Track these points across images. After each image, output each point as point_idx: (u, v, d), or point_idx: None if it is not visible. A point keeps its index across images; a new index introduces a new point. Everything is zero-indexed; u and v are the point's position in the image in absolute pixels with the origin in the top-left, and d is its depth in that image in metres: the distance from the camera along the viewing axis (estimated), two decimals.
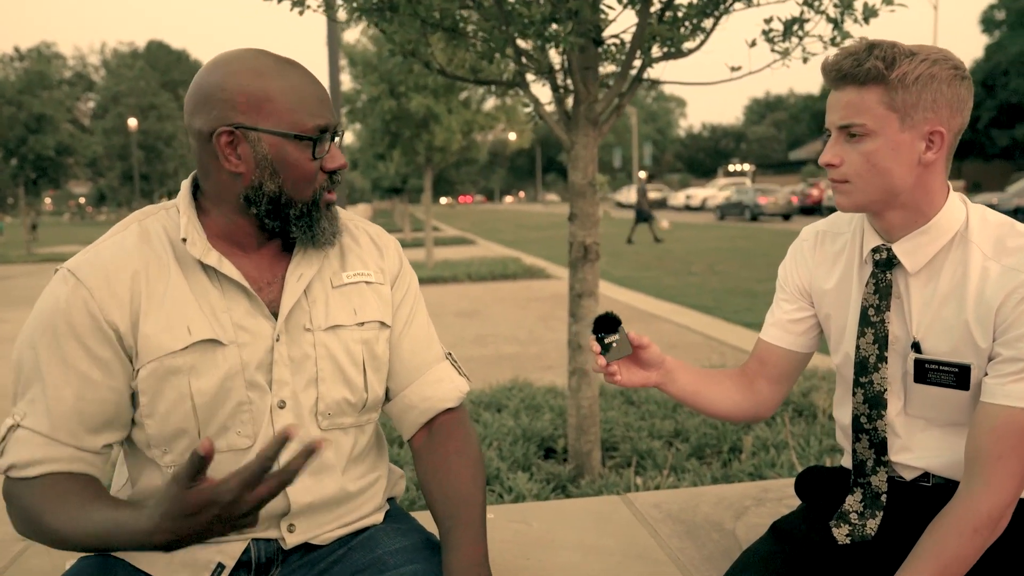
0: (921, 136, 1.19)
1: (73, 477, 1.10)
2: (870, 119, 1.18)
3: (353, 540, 1.26)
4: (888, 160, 1.19)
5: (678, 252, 15.41)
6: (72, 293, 1.11)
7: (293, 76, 1.15)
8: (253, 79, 1.12)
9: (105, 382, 1.12)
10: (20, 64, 25.77)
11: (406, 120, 11.94)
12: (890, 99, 1.17)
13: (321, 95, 1.17)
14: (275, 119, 1.13)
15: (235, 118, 1.12)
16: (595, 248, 3.06)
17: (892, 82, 1.16)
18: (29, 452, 1.09)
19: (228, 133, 1.12)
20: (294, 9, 2.86)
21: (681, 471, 3.03)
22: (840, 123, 1.21)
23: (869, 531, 1.30)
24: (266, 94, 1.12)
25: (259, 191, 1.15)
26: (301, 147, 1.14)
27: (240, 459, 1.17)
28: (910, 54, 1.17)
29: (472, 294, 10.01)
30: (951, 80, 1.18)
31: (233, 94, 1.12)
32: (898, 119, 1.18)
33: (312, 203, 1.18)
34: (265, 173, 1.14)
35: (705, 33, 3.03)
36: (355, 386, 1.24)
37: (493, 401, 4.01)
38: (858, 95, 1.19)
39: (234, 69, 1.13)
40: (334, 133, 1.19)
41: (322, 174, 1.18)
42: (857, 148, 1.21)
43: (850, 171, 1.22)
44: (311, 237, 1.19)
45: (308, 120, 1.14)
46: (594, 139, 2.99)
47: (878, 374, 1.29)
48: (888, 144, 1.19)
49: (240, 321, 1.17)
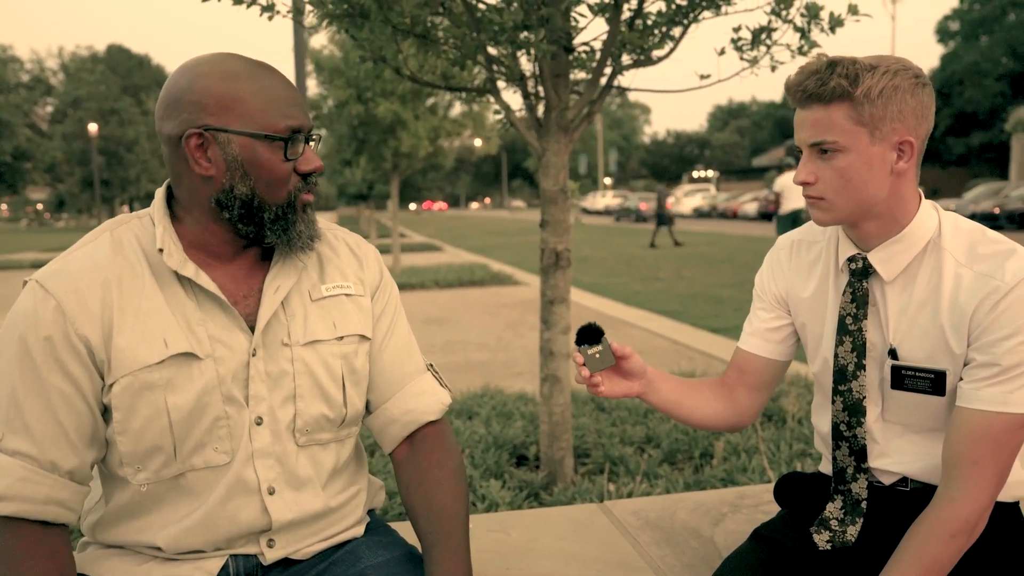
0: (891, 147, 1.21)
1: (41, 536, 1.06)
2: (840, 135, 1.20)
3: (334, 554, 1.23)
4: (862, 174, 1.21)
5: (646, 258, 15.52)
6: (41, 305, 1.08)
7: (264, 78, 1.13)
8: (222, 81, 1.10)
9: (79, 397, 1.08)
10: None
11: (373, 126, 11.89)
12: (857, 114, 1.19)
13: (293, 97, 1.15)
14: (245, 120, 1.10)
15: (204, 120, 1.10)
16: (567, 255, 3.06)
17: (858, 98, 1.18)
18: (4, 483, 1.04)
19: (197, 135, 1.10)
20: (263, 14, 2.83)
21: (654, 477, 3.04)
22: (811, 141, 1.22)
23: (850, 537, 1.31)
24: (236, 95, 1.10)
25: (231, 194, 1.12)
26: (272, 148, 1.12)
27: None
28: (871, 68, 1.18)
29: (440, 301, 9.97)
30: (913, 89, 1.20)
31: (202, 96, 1.09)
32: (867, 133, 1.19)
33: (287, 205, 1.15)
34: (236, 175, 1.11)
35: (674, 41, 3.06)
36: (334, 402, 1.22)
37: (464, 408, 3.99)
38: (825, 113, 1.20)
39: (203, 72, 1.11)
40: (308, 136, 1.17)
41: (296, 176, 1.15)
42: (831, 164, 1.22)
43: (826, 188, 1.23)
44: (287, 241, 1.16)
45: (279, 121, 1.12)
46: (565, 146, 3.00)
47: (857, 382, 1.31)
48: (860, 158, 1.20)
49: (216, 334, 1.14)
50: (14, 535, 1.04)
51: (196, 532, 1.14)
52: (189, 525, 1.14)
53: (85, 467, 1.11)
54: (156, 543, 1.15)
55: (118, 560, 1.17)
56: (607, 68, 2.99)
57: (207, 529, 1.15)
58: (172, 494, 1.15)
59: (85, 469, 1.11)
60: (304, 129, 1.15)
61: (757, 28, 2.93)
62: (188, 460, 1.13)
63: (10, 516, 1.04)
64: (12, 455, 1.05)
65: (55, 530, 1.08)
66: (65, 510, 1.09)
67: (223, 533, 1.15)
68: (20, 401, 1.06)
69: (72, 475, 1.09)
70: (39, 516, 1.05)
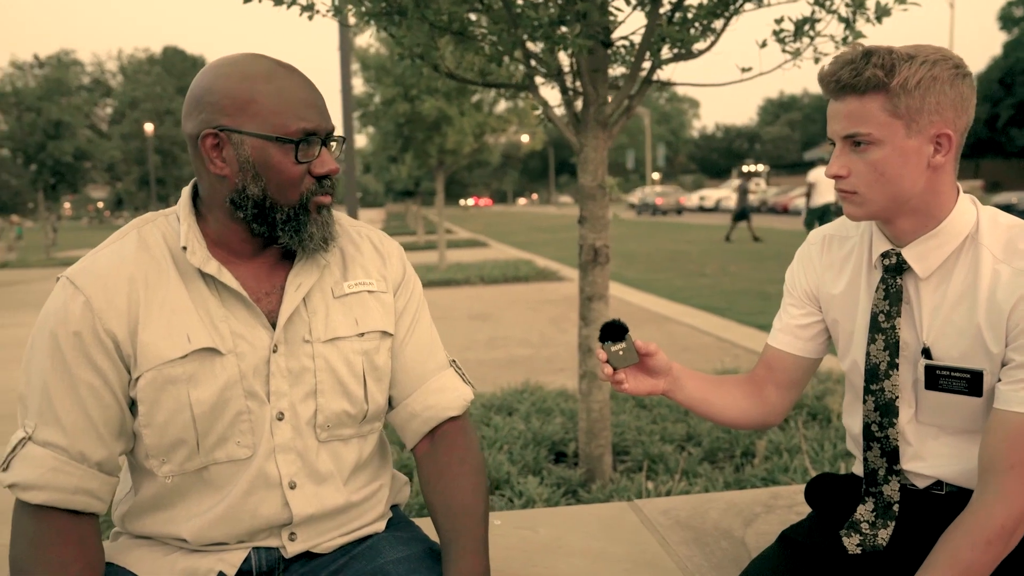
0: (928, 140, 1.16)
1: (71, 525, 1.09)
2: (875, 128, 1.16)
3: (355, 549, 1.25)
4: (897, 167, 1.17)
5: (691, 253, 15.35)
6: (71, 301, 1.11)
7: (283, 79, 1.13)
8: (240, 82, 1.11)
9: (107, 390, 1.11)
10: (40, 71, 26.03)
11: (418, 123, 11.96)
12: (893, 106, 1.15)
13: (311, 99, 1.15)
14: (258, 121, 1.11)
15: (219, 120, 1.11)
16: (605, 251, 3.04)
17: (894, 89, 1.14)
18: (36, 473, 1.08)
19: (213, 135, 1.12)
20: (303, 14, 2.86)
21: (693, 476, 3.00)
22: (844, 133, 1.18)
23: (881, 541, 1.28)
24: (251, 96, 1.11)
25: (243, 194, 1.14)
26: (284, 150, 1.13)
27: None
28: (908, 58, 1.14)
29: (485, 297, 10.00)
30: (952, 80, 1.15)
31: (219, 96, 1.11)
32: (903, 125, 1.15)
33: (300, 207, 1.16)
34: (248, 176, 1.13)
35: (716, 34, 3.01)
36: (355, 398, 1.23)
37: (504, 404, 4.00)
38: (860, 104, 1.16)
39: (224, 72, 1.12)
40: (327, 138, 1.18)
41: (310, 178, 1.16)
42: (864, 157, 1.18)
43: (859, 182, 1.20)
44: (299, 242, 1.17)
45: (292, 123, 1.12)
46: (604, 141, 2.97)
47: (889, 381, 1.27)
48: (895, 151, 1.16)
49: (238, 330, 1.16)
50: (44, 522, 1.07)
51: (219, 524, 1.17)
52: (212, 518, 1.17)
53: (113, 458, 1.14)
54: (181, 535, 1.17)
55: (146, 550, 1.20)
56: (646, 62, 2.96)
57: (230, 522, 1.17)
58: (196, 487, 1.17)
59: (113, 460, 1.14)
60: (320, 132, 1.15)
61: (800, 19, 2.87)
62: (211, 454, 1.16)
63: (41, 504, 1.07)
64: (44, 446, 1.08)
65: (84, 519, 1.11)
66: (94, 499, 1.12)
67: (245, 526, 1.17)
68: (51, 394, 1.09)
69: (101, 466, 1.12)
70: (68, 505, 1.09)
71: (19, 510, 1.09)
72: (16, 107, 24.06)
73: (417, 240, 22.45)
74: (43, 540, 1.07)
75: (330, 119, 1.18)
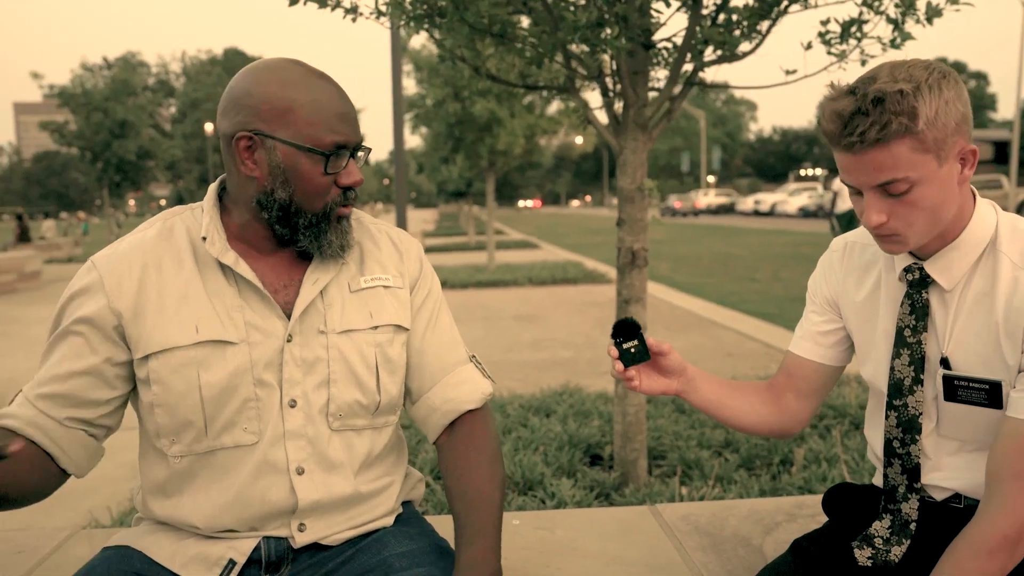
0: (955, 160, 1.13)
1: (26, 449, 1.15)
2: (910, 171, 1.10)
3: (362, 542, 1.27)
4: (938, 199, 1.13)
5: (744, 258, 15.12)
6: (88, 279, 1.19)
7: (319, 90, 1.17)
8: (279, 89, 1.15)
9: (88, 357, 1.18)
10: (108, 72, 26.92)
11: (469, 124, 12.04)
12: (921, 144, 1.09)
13: (344, 112, 1.18)
14: (293, 130, 1.15)
15: (256, 124, 1.15)
16: (643, 254, 3.02)
17: (921, 130, 1.08)
18: (10, 408, 1.18)
19: (247, 138, 1.16)
20: (346, 16, 2.91)
21: (728, 482, 2.97)
22: (877, 183, 1.12)
23: (894, 557, 1.25)
24: (288, 105, 1.15)
25: (271, 197, 1.18)
26: (314, 160, 1.16)
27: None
28: (915, 91, 1.08)
29: (532, 298, 10.01)
30: (953, 92, 1.10)
31: (258, 101, 1.15)
32: (934, 158, 1.11)
33: (322, 215, 1.20)
34: (277, 181, 1.17)
35: (760, 35, 2.97)
36: (367, 388, 1.26)
37: (542, 406, 4.00)
38: (888, 153, 1.10)
39: (264, 78, 1.16)
40: (356, 150, 1.21)
41: (336, 188, 1.20)
42: (903, 200, 1.13)
43: (900, 224, 1.14)
44: (317, 248, 1.21)
45: (326, 135, 1.16)
46: (643, 144, 2.96)
47: (913, 397, 1.24)
48: (934, 185, 1.12)
49: (253, 320, 1.20)
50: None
51: (229, 510, 1.21)
52: (222, 504, 1.21)
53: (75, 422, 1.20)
54: (193, 521, 1.21)
55: (161, 535, 1.24)
56: (687, 64, 2.94)
57: (239, 507, 1.20)
58: (205, 471, 1.22)
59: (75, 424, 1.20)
60: (350, 144, 1.19)
61: (847, 20, 2.82)
62: (218, 438, 1.20)
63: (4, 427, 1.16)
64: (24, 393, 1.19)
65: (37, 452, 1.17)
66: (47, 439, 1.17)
67: (254, 511, 1.21)
68: (49, 357, 1.20)
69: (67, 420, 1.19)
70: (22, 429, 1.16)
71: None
72: (85, 107, 24.94)
73: (468, 240, 22.58)
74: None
75: (359, 131, 1.22)
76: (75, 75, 26.03)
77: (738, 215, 41.47)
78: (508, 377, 5.54)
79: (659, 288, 10.55)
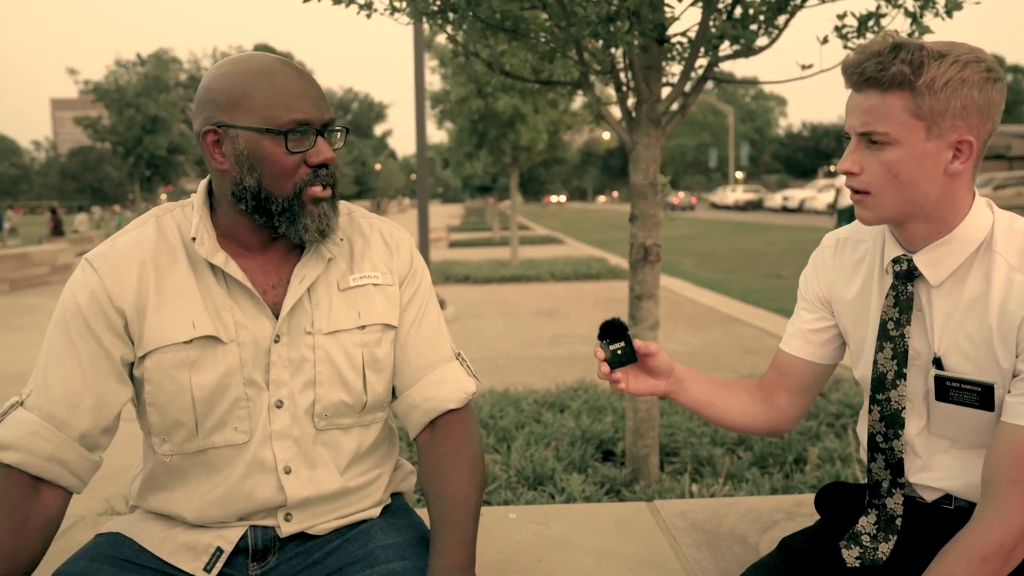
0: (948, 145, 1.11)
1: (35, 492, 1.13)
2: (894, 127, 1.10)
3: (349, 532, 1.28)
4: (912, 171, 1.12)
5: (769, 254, 14.98)
6: (86, 279, 1.18)
7: (275, 74, 1.17)
8: (235, 79, 1.16)
9: (107, 363, 1.17)
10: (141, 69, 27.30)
11: (493, 120, 12.04)
12: (916, 106, 1.09)
13: (303, 90, 1.17)
14: (251, 115, 1.15)
15: (218, 117, 1.16)
16: (656, 249, 3.01)
17: (919, 88, 1.08)
18: (15, 434, 1.13)
19: (213, 132, 1.17)
20: (361, 12, 2.93)
21: (741, 480, 2.95)
22: (861, 129, 1.13)
23: (881, 555, 1.23)
24: (243, 91, 1.15)
25: (242, 187, 1.18)
26: (275, 141, 1.16)
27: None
28: (939, 56, 1.08)
29: (554, 294, 10.01)
30: (983, 84, 1.09)
31: (216, 94, 1.16)
32: (924, 128, 1.10)
33: (293, 198, 1.18)
34: (244, 168, 1.17)
35: (778, 30, 2.94)
36: (353, 389, 1.26)
37: (557, 401, 4.00)
38: (881, 100, 1.10)
39: (222, 72, 1.17)
40: (324, 128, 1.20)
41: (305, 168, 1.19)
42: (879, 156, 1.13)
43: (871, 181, 1.15)
44: (295, 233, 1.20)
45: (283, 114, 1.15)
46: (656, 139, 2.94)
47: (896, 391, 1.22)
48: (912, 154, 1.11)
49: (242, 320, 1.21)
50: (11, 481, 1.12)
51: (218, 505, 1.22)
52: (211, 500, 1.22)
53: (95, 433, 1.18)
54: (183, 514, 1.23)
55: (152, 523, 1.26)
56: (703, 59, 2.92)
57: (227, 503, 1.22)
58: (196, 469, 1.23)
59: (95, 435, 1.19)
60: (315, 122, 1.18)
61: (864, 14, 2.78)
62: (209, 437, 1.21)
63: (12, 465, 1.13)
64: (31, 410, 1.15)
65: (51, 490, 1.15)
66: (67, 472, 1.15)
67: (242, 507, 1.23)
68: (50, 364, 1.17)
69: (83, 439, 1.17)
70: (39, 471, 1.13)
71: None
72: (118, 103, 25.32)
73: (492, 236, 22.59)
74: (3, 497, 1.11)
75: (327, 109, 1.20)
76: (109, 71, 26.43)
77: (766, 211, 41.05)
78: (525, 372, 5.54)
79: (681, 284, 10.49)
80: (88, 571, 1.16)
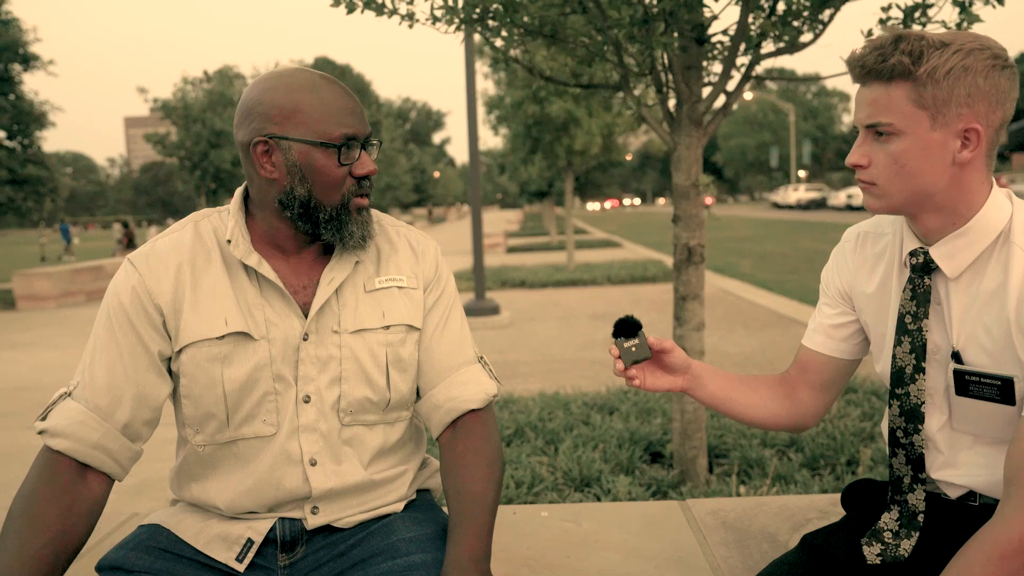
0: (955, 134, 1.10)
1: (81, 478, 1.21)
2: (897, 118, 1.10)
3: (373, 525, 1.32)
4: (917, 161, 1.11)
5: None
6: (128, 278, 1.27)
7: (324, 91, 1.24)
8: (286, 94, 1.23)
9: (147, 356, 1.25)
10: (207, 86, 28.27)
11: (547, 124, 12.07)
12: (918, 96, 1.09)
13: (349, 107, 1.25)
14: (304, 129, 1.22)
15: (269, 129, 1.23)
16: (699, 250, 3.00)
17: (920, 78, 1.08)
18: (64, 423, 1.21)
19: (263, 143, 1.23)
20: (403, 23, 3.00)
21: (790, 481, 2.91)
22: (867, 122, 1.14)
23: (903, 552, 1.21)
24: (296, 106, 1.22)
25: (291, 195, 1.24)
26: (327, 154, 1.23)
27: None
28: (940, 45, 1.08)
29: (610, 297, 9.97)
30: (988, 71, 1.08)
31: (268, 108, 1.23)
32: (928, 117, 1.09)
33: (341, 207, 1.26)
34: (295, 179, 1.24)
35: (823, 24, 2.90)
36: (377, 386, 1.31)
37: (606, 404, 4.01)
38: (884, 92, 1.11)
39: (271, 86, 1.24)
40: (366, 142, 1.27)
41: (351, 179, 1.26)
42: (885, 148, 1.13)
43: (878, 173, 1.15)
44: (340, 240, 1.27)
45: (334, 129, 1.23)
46: (697, 140, 2.93)
47: (915, 385, 1.20)
48: (917, 144, 1.11)
49: (272, 318, 1.27)
50: (59, 467, 1.21)
51: (249, 496, 1.28)
52: (242, 490, 1.29)
53: (137, 423, 1.26)
54: (217, 503, 1.30)
55: (188, 515, 1.33)
56: (741, 58, 2.89)
57: (257, 493, 1.28)
58: (227, 459, 1.30)
59: (137, 426, 1.26)
60: (359, 136, 1.26)
61: (910, 5, 2.72)
62: (239, 429, 1.27)
63: (61, 451, 1.21)
64: (79, 401, 1.24)
65: (96, 476, 1.22)
66: (110, 459, 1.23)
67: (271, 497, 1.28)
68: (97, 357, 1.25)
69: (126, 428, 1.25)
70: (85, 458, 1.21)
71: (41, 454, 1.23)
72: (185, 119, 26.24)
73: (550, 240, 22.61)
74: (52, 482, 1.19)
75: (367, 124, 1.28)
76: (176, 88, 27.40)
77: (830, 210, 40.10)
78: (577, 375, 5.55)
79: (739, 285, 10.34)
80: (129, 559, 1.24)
